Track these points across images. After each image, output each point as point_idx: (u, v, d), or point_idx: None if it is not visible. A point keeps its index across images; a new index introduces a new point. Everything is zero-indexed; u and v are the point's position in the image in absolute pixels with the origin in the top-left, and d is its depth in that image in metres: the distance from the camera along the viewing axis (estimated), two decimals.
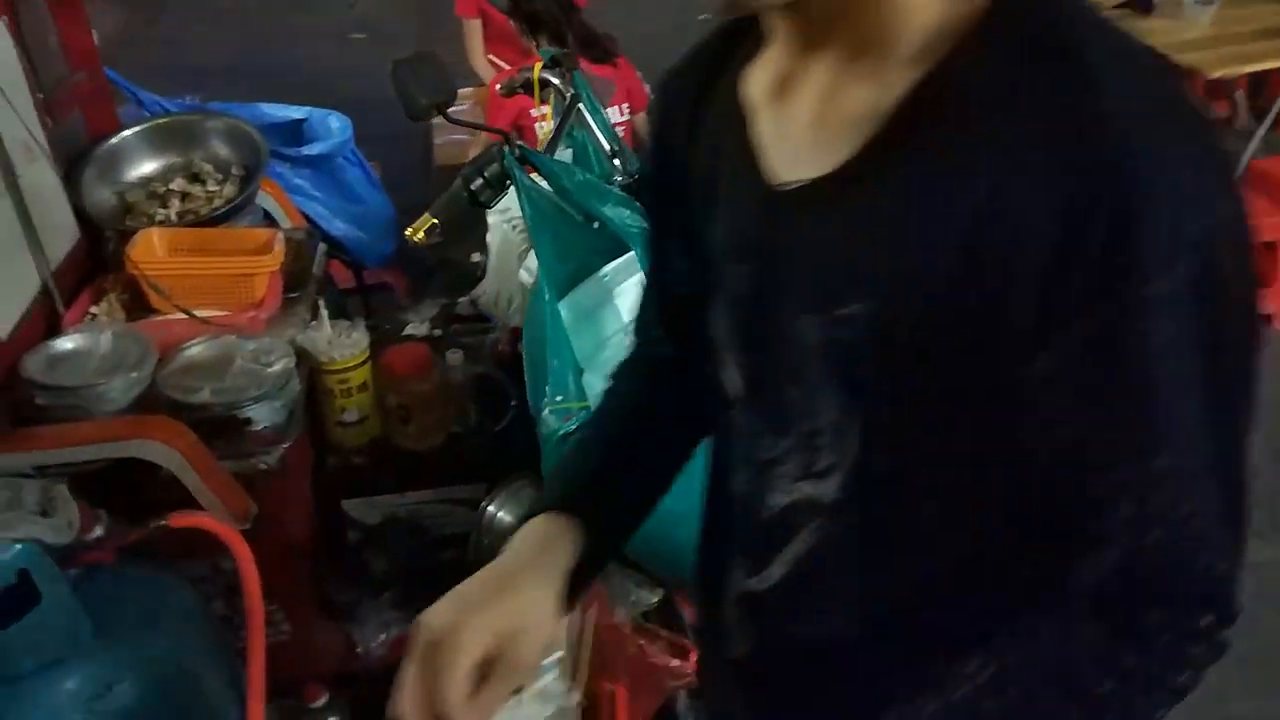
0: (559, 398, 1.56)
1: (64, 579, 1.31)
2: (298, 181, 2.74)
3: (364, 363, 2.13)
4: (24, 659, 1.29)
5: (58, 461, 1.52)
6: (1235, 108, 4.53)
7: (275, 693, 1.99)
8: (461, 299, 2.64)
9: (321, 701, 1.98)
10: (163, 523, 1.41)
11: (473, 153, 3.23)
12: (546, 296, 1.68)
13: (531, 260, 2.03)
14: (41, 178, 2.04)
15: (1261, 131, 4.05)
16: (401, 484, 2.18)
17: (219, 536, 1.44)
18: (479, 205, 1.76)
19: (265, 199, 2.57)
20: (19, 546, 1.26)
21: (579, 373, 1.69)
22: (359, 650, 2.05)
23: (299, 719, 1.96)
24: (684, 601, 1.82)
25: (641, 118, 3.15)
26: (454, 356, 2.22)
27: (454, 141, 3.51)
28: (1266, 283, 3.19)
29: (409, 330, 2.75)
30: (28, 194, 1.96)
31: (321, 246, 2.52)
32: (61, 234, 2.12)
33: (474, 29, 3.80)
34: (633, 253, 1.70)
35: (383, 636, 2.05)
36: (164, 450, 1.56)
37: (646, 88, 3.74)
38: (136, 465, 1.61)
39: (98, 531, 1.38)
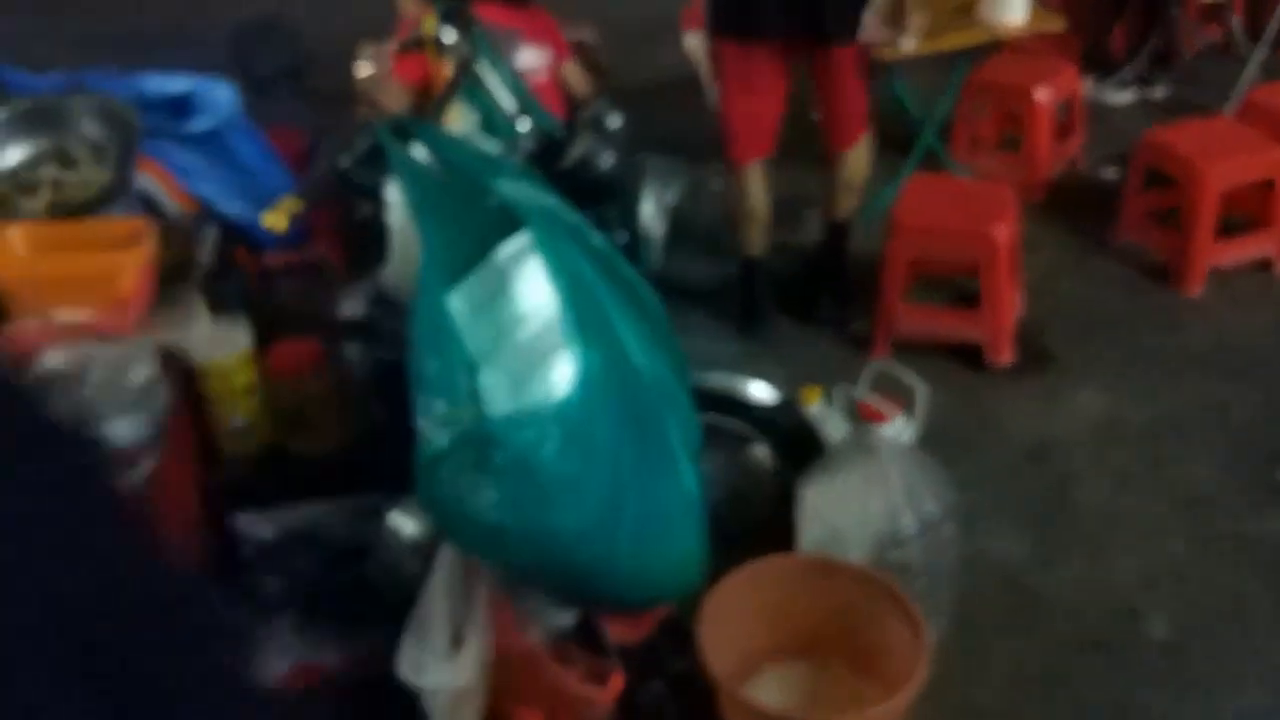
0: (437, 406, 1.37)
1: None
2: (186, 161, 2.50)
3: (247, 363, 1.93)
4: None
5: None
6: (1231, 33, 4.32)
7: None
8: None
9: None
10: None
11: (394, 100, 3.00)
12: (428, 287, 1.48)
13: None
14: None
15: (1259, 56, 3.84)
16: (298, 494, 1.98)
17: None
18: (355, 189, 1.56)
19: (148, 181, 2.34)
20: None
21: (472, 371, 1.49)
22: None
23: None
24: (606, 621, 1.65)
25: (570, 66, 2.94)
26: (352, 350, 2.02)
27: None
28: (1266, 222, 3.04)
29: (347, 313, 2.51)
30: None
31: (212, 232, 2.31)
32: None
33: None
34: (528, 234, 1.50)
35: (276, 666, 1.86)
36: None
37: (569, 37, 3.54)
38: None
39: None
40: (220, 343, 1.88)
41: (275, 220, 1.43)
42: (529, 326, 1.50)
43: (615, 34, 4.36)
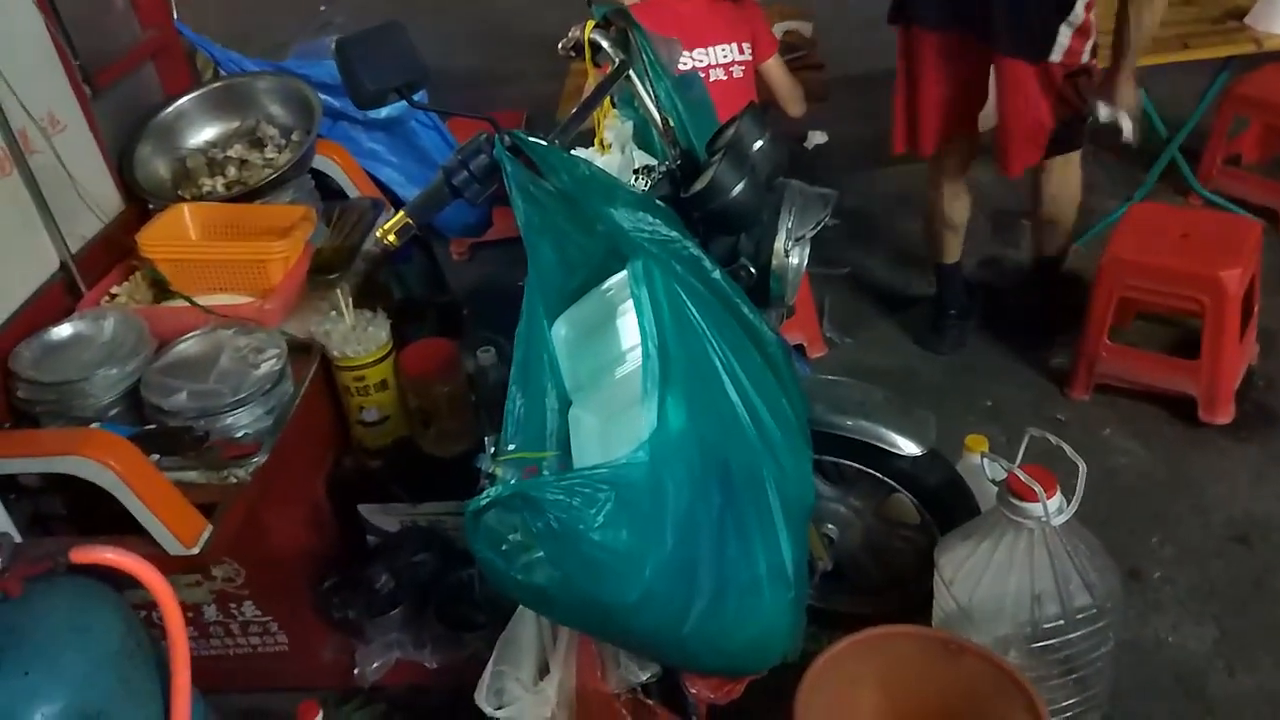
0: (511, 446, 1.30)
1: None
2: (371, 146, 2.58)
3: (383, 359, 1.95)
4: None
5: None
6: None
7: (270, 706, 1.89)
8: None
9: None
10: (62, 559, 1.28)
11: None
12: (531, 315, 1.41)
13: None
14: (70, 150, 1.96)
15: None
16: (423, 491, 2.00)
17: (127, 572, 1.30)
18: (468, 203, 1.51)
19: (331, 166, 2.42)
20: None
21: (563, 408, 1.42)
22: (355, 671, 1.91)
23: None
24: (691, 680, 1.55)
25: (772, 65, 2.80)
26: (485, 356, 2.01)
27: (579, 91, 3.27)
28: None
29: None
30: (48, 170, 1.89)
31: (386, 216, 2.36)
32: (97, 208, 2.04)
33: None
34: (632, 267, 1.40)
35: (378, 663, 1.90)
36: (96, 468, 1.44)
37: (785, 29, 3.36)
38: None
39: None
40: (359, 338, 1.92)
41: (386, 235, 1.40)
42: (625, 367, 1.41)
43: (839, 17, 4.16)
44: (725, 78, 2.67)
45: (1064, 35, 2.28)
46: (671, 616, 1.25)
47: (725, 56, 2.68)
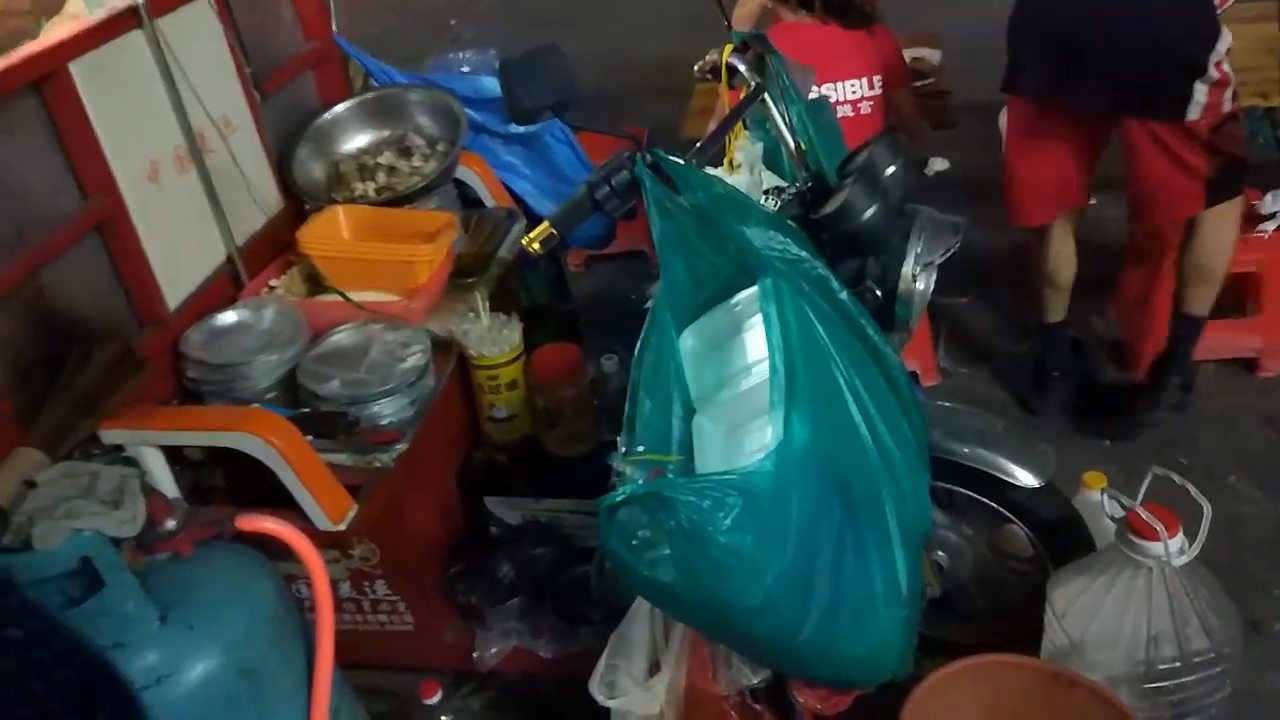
0: (640, 448, 1.37)
1: (125, 567, 1.33)
2: (508, 158, 2.69)
3: (515, 360, 2.06)
4: (87, 642, 1.32)
5: (167, 444, 1.56)
6: None
7: (390, 684, 2.00)
8: None
9: (435, 699, 1.95)
10: (229, 525, 1.40)
11: (711, 127, 3.05)
12: (660, 324, 1.49)
13: None
14: (241, 151, 2.12)
15: None
16: (545, 488, 2.09)
17: (284, 541, 1.41)
18: (608, 216, 1.59)
19: (471, 176, 2.55)
20: (83, 534, 1.29)
21: (687, 415, 1.49)
22: (475, 655, 2.00)
23: (412, 715, 1.94)
24: (799, 688, 1.59)
25: (903, 95, 2.82)
26: (609, 363, 2.09)
27: (706, 110, 3.34)
28: None
29: (648, 304, 2.63)
30: (222, 168, 2.05)
31: (518, 226, 2.47)
32: (260, 205, 2.21)
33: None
34: (762, 285, 1.46)
35: (496, 649, 1.99)
36: (261, 445, 1.56)
37: (913, 55, 3.36)
38: None
39: (170, 524, 1.39)
40: (494, 339, 2.02)
41: (531, 244, 1.50)
42: (750, 379, 1.47)
43: (967, 42, 4.13)
44: (852, 114, 2.69)
45: (1199, 93, 2.17)
46: (789, 623, 1.30)
47: (853, 93, 2.71)
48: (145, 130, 1.87)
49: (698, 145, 1.72)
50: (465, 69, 3.39)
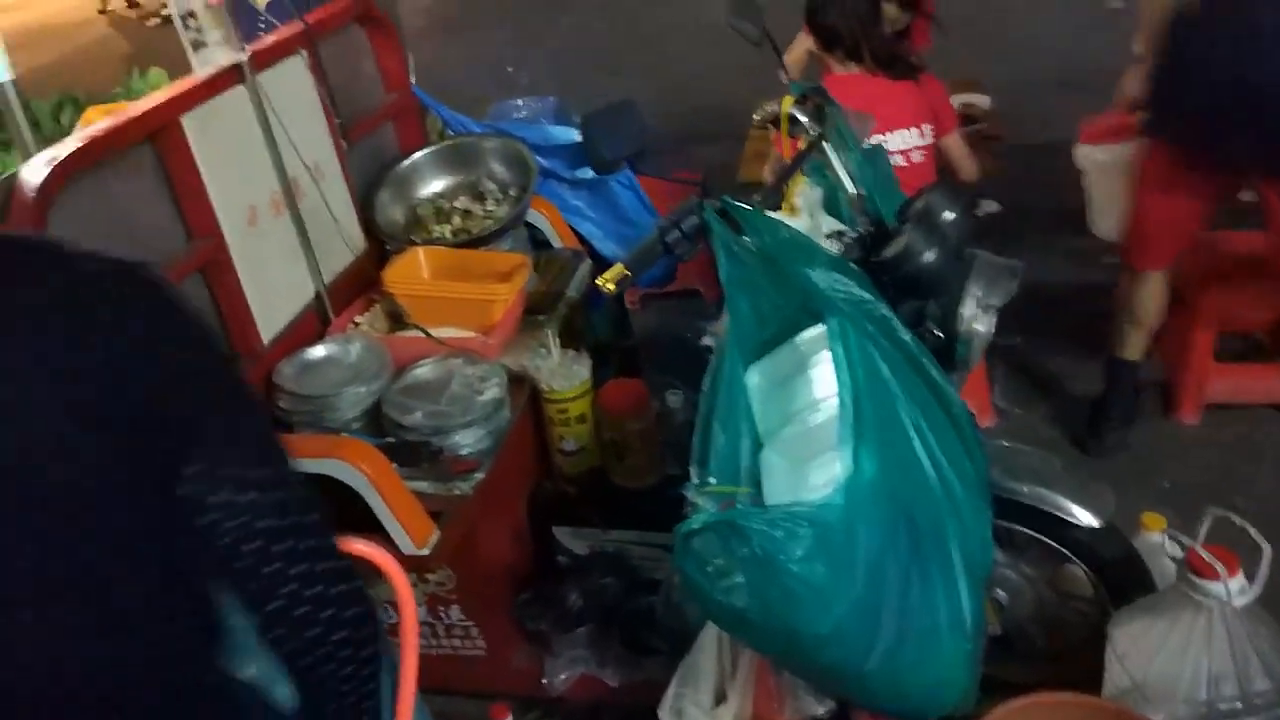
0: (712, 480, 1.44)
1: None
2: (574, 202, 2.81)
3: (584, 394, 2.14)
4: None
5: None
6: None
7: (463, 708, 2.07)
8: None
9: None
10: None
11: (768, 173, 3.14)
12: (729, 361, 1.56)
13: None
14: (331, 195, 2.25)
15: None
16: (611, 519, 2.17)
17: (375, 564, 1.49)
18: (678, 258, 1.68)
19: (540, 219, 2.66)
20: None
21: (756, 449, 1.56)
22: (544, 681, 2.07)
23: None
24: (862, 717, 1.64)
25: (953, 140, 2.89)
26: (674, 398, 2.16)
27: (760, 155, 3.44)
28: None
29: (706, 341, 2.71)
30: (313, 212, 2.18)
31: (584, 267, 2.57)
32: (347, 245, 2.33)
33: (803, 41, 3.63)
34: (828, 324, 1.53)
35: (564, 675, 2.05)
36: (352, 471, 1.66)
37: (963, 101, 3.43)
38: None
39: None
40: (564, 373, 2.11)
41: (606, 283, 1.59)
42: (816, 416, 1.53)
43: (1016, 86, 4.19)
44: (905, 163, 2.76)
45: None
46: (857, 652, 1.36)
47: (904, 143, 2.78)
48: (246, 177, 2.00)
49: (762, 192, 1.81)
50: (523, 114, 3.55)
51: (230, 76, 1.95)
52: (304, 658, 0.91)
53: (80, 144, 1.66)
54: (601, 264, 2.78)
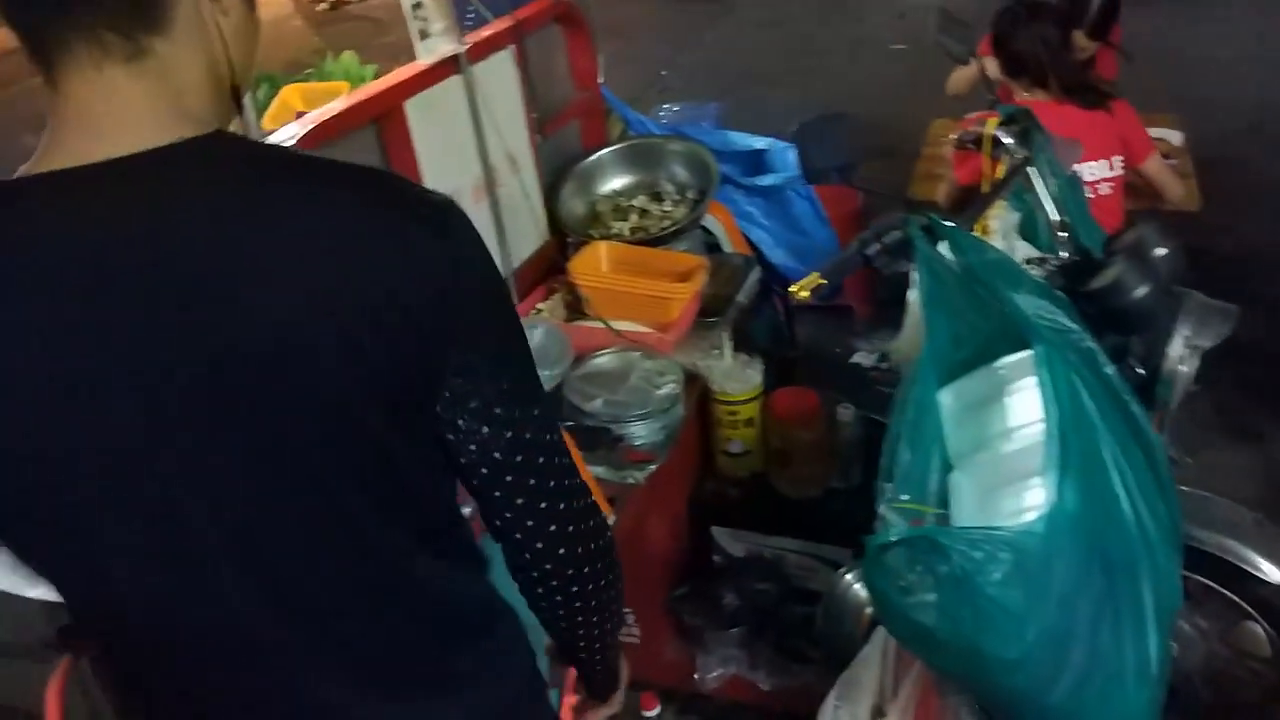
0: (904, 496, 1.45)
1: None
2: (748, 208, 2.83)
3: (754, 399, 2.16)
4: None
5: None
6: None
7: None
8: None
9: (654, 712, 2.07)
10: None
11: (941, 193, 3.11)
12: (922, 380, 1.56)
13: None
14: (524, 186, 2.34)
15: None
16: (770, 525, 2.18)
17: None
18: (878, 274, 1.69)
19: (713, 222, 2.70)
20: None
21: (945, 470, 1.55)
22: (695, 675, 2.10)
23: None
24: None
25: (1151, 162, 2.80)
26: (845, 412, 2.17)
27: (931, 175, 3.40)
28: None
29: (855, 359, 2.71)
30: (508, 200, 2.26)
31: (755, 273, 2.59)
32: (533, 235, 2.42)
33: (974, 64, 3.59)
34: (1035, 351, 1.52)
35: (717, 673, 2.08)
36: None
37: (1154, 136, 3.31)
38: None
39: (465, 510, 1.56)
40: (737, 376, 2.14)
41: (800, 291, 1.61)
42: (1011, 443, 1.52)
43: (1206, 124, 4.02)
44: (1092, 195, 2.69)
45: None
46: (1041, 682, 1.34)
47: (1093, 174, 2.71)
48: (454, 163, 2.10)
49: (966, 211, 1.80)
50: (682, 118, 3.60)
51: (449, 67, 2.05)
52: (549, 579, 0.97)
53: (315, 124, 1.77)
54: (769, 272, 2.80)
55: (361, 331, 0.79)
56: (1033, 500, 1.41)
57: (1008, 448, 1.53)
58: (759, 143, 2.82)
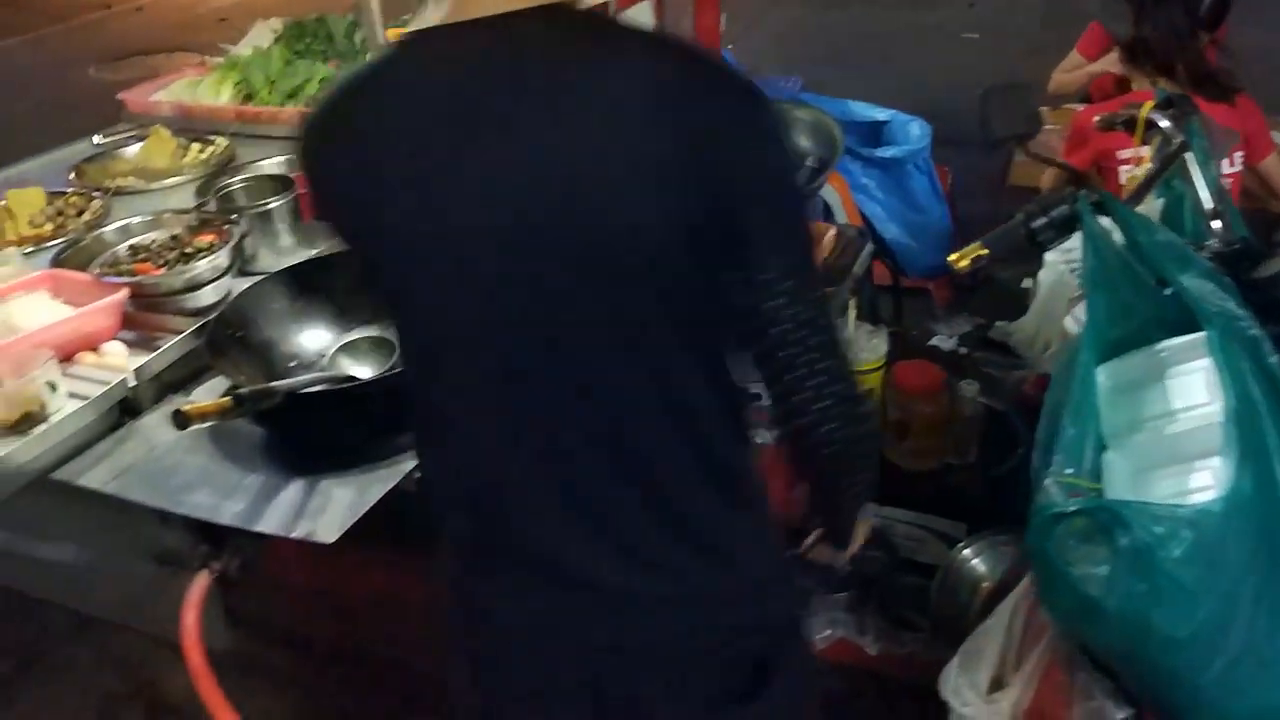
0: (1069, 470, 1.45)
1: None
2: (864, 181, 2.81)
3: (878, 369, 2.17)
4: None
5: None
6: None
7: None
8: (999, 322, 2.56)
9: None
10: None
11: (1047, 179, 3.07)
12: (1084, 357, 1.56)
13: (1081, 309, 1.89)
14: None
15: None
16: (883, 495, 2.19)
17: None
18: (1036, 246, 1.68)
19: (830, 193, 2.69)
20: None
21: (1100, 449, 1.55)
22: None
23: None
24: None
25: (1271, 160, 2.75)
26: (968, 387, 2.16)
27: (1033, 163, 3.36)
28: None
29: (935, 341, 2.72)
30: None
31: (869, 247, 2.58)
32: None
33: (1080, 63, 3.52)
34: (1203, 334, 1.51)
35: (827, 632, 2.10)
36: None
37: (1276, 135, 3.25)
38: None
39: None
40: (863, 345, 2.14)
41: (960, 261, 1.61)
42: (1174, 425, 1.51)
43: None
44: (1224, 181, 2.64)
45: None
46: (1200, 662, 1.34)
47: (1223, 170, 2.66)
48: None
49: (1133, 192, 1.79)
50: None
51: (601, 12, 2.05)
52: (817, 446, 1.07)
53: None
54: (879, 246, 2.79)
55: (684, 187, 0.88)
56: (1198, 482, 1.41)
57: (1167, 430, 1.53)
58: (881, 114, 2.80)
